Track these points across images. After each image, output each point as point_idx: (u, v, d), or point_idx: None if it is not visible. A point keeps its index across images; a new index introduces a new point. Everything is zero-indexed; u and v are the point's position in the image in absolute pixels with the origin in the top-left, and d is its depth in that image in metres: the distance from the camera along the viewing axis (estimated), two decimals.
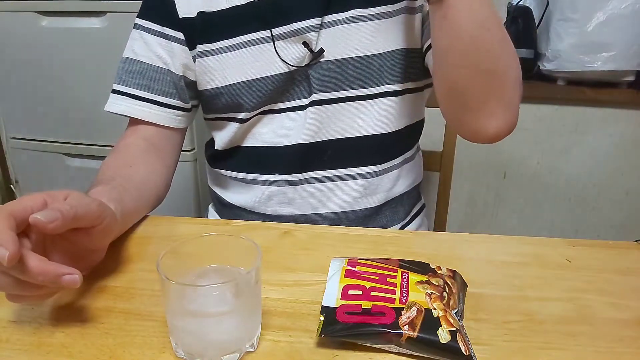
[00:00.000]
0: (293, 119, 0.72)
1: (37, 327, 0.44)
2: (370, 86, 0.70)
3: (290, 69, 0.69)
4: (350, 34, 0.68)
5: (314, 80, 0.70)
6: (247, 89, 0.70)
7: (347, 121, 0.71)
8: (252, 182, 0.76)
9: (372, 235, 0.62)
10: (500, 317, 0.46)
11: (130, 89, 0.71)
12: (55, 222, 0.40)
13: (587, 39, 1.33)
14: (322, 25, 0.68)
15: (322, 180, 0.74)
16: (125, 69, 0.72)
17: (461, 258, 0.56)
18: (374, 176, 0.74)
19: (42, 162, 1.51)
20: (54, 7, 1.33)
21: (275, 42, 0.68)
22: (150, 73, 0.72)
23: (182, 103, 0.74)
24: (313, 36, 0.68)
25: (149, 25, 0.72)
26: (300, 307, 0.47)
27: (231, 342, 0.40)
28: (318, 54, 0.68)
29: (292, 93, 0.71)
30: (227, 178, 0.79)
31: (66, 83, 1.41)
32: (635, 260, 0.56)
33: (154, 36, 0.71)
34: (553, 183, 1.55)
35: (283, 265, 0.54)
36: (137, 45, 0.72)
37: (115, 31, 1.32)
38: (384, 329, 0.40)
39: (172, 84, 0.72)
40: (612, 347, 0.43)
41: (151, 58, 0.72)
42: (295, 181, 0.74)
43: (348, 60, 0.69)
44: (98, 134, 1.42)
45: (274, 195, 0.75)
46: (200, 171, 1.41)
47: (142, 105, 0.71)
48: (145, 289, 0.50)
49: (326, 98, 0.70)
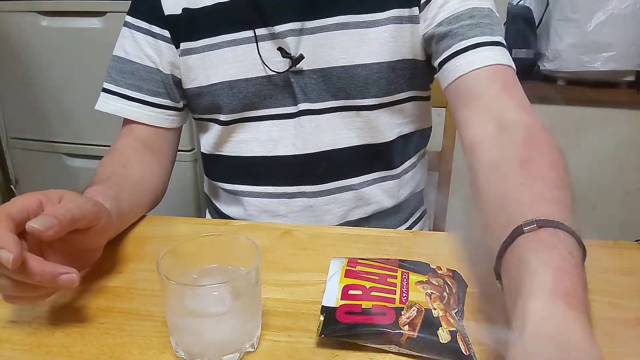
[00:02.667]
0: (280, 128, 0.70)
1: (37, 327, 0.44)
2: (355, 98, 0.67)
3: (271, 74, 0.67)
4: (334, 42, 0.65)
5: (297, 90, 0.67)
6: (229, 89, 0.69)
7: (335, 132, 0.69)
8: (242, 194, 0.74)
9: (372, 235, 0.62)
10: (500, 317, 0.46)
11: (121, 89, 0.71)
12: (52, 229, 0.40)
13: (587, 39, 1.33)
14: (303, 30, 0.65)
15: (316, 195, 0.71)
16: (117, 69, 0.72)
17: (461, 258, 0.56)
18: (367, 186, 0.72)
19: (42, 162, 1.51)
20: (54, 7, 1.34)
21: (259, 43, 0.66)
22: (142, 73, 0.71)
23: (173, 102, 0.73)
24: (292, 41, 0.65)
25: (138, 22, 0.71)
26: (300, 307, 0.47)
27: (231, 342, 0.40)
28: (297, 61, 0.65)
29: (275, 99, 0.69)
30: (219, 189, 0.78)
31: (66, 83, 1.41)
32: (635, 260, 0.56)
33: (142, 34, 0.71)
34: None
35: (283, 265, 0.54)
36: (127, 44, 0.72)
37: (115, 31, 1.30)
38: (384, 329, 0.40)
39: (161, 83, 0.72)
40: (612, 347, 0.43)
41: (141, 57, 0.71)
42: (288, 194, 0.71)
43: (332, 70, 0.66)
44: (98, 134, 1.41)
45: (268, 207, 0.73)
46: (200, 171, 1.41)
47: (133, 106, 0.71)
48: (145, 289, 0.50)
49: (313, 108, 0.68)
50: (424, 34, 0.65)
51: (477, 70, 0.59)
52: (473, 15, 0.61)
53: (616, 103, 1.45)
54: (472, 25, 0.60)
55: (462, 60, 0.60)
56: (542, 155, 0.48)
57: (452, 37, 0.61)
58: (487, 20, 0.61)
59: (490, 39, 0.60)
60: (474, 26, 0.60)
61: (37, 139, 1.50)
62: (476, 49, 0.59)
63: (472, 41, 0.60)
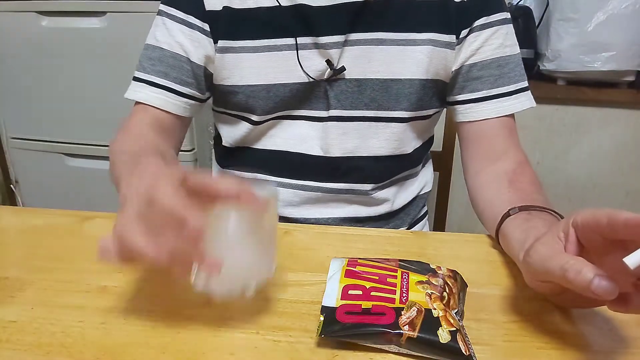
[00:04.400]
0: (309, 129, 0.72)
1: (37, 327, 0.44)
2: (385, 109, 0.70)
3: (310, 81, 0.69)
4: (373, 55, 0.68)
5: (332, 96, 0.70)
6: (265, 92, 0.70)
7: (360, 140, 0.72)
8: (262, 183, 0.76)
9: (372, 235, 0.62)
10: (500, 317, 0.46)
11: (149, 76, 0.71)
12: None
13: (587, 39, 1.33)
14: (345, 42, 0.67)
15: (331, 191, 0.74)
16: (146, 56, 0.71)
17: (461, 258, 0.57)
18: (380, 189, 0.75)
19: (42, 162, 1.52)
20: (54, 7, 1.34)
21: (299, 51, 0.68)
22: (169, 60, 0.70)
23: (199, 94, 0.73)
24: (335, 53, 0.67)
25: (173, 12, 0.70)
26: (300, 307, 0.47)
27: (248, 269, 0.42)
28: (339, 71, 0.68)
29: (309, 102, 0.71)
30: (241, 179, 0.79)
31: (66, 83, 1.41)
32: None
33: (177, 23, 0.70)
34: (553, 183, 1.55)
35: (283, 265, 0.54)
36: (159, 32, 0.71)
37: (115, 31, 1.32)
38: (384, 329, 0.40)
39: (191, 73, 0.71)
40: (612, 347, 0.43)
41: (171, 45, 0.70)
42: (305, 186, 0.74)
43: (367, 81, 0.69)
44: (98, 134, 1.42)
45: (291, 199, 0.75)
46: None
47: (158, 93, 0.70)
48: (146, 289, 0.50)
49: (344, 115, 0.70)
50: (457, 68, 0.70)
51: (491, 119, 0.70)
52: (500, 65, 0.69)
53: (616, 103, 1.45)
54: (499, 76, 0.69)
55: (483, 107, 0.70)
56: (525, 177, 0.64)
57: (481, 83, 0.70)
58: (516, 70, 0.70)
59: (511, 88, 0.70)
60: (500, 77, 0.69)
61: (37, 139, 1.50)
62: (500, 99, 0.69)
63: (495, 91, 0.69)
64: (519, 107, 0.70)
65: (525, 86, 0.71)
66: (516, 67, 0.70)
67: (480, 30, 0.68)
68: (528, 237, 0.47)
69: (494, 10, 0.68)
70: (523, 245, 0.47)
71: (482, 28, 0.68)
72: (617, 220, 0.35)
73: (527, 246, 0.45)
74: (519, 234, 0.50)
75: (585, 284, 0.35)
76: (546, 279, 0.41)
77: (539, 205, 0.55)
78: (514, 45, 0.71)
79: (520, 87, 0.70)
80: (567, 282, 0.37)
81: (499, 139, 0.70)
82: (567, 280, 0.37)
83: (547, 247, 0.41)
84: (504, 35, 0.69)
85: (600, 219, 0.37)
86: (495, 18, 0.69)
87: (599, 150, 1.50)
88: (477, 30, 0.68)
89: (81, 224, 0.64)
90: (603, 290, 0.35)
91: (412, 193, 0.81)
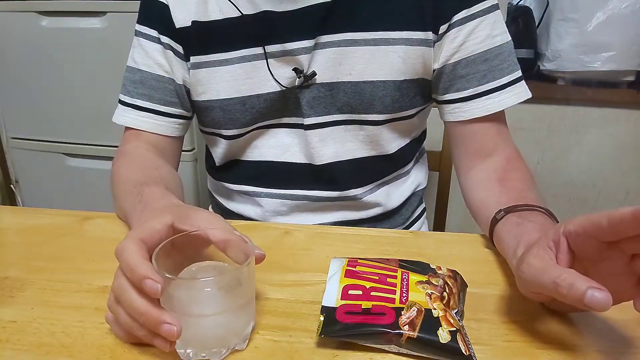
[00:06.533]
0: (290, 137, 0.71)
1: (37, 327, 0.44)
2: (360, 113, 0.68)
3: (283, 89, 0.67)
4: (344, 58, 0.65)
5: (304, 104, 0.68)
6: (241, 105, 0.69)
7: (339, 144, 0.70)
8: (258, 195, 0.75)
9: (372, 235, 0.62)
10: (500, 317, 0.46)
11: (133, 100, 0.70)
12: None
13: (587, 39, 1.33)
14: (315, 46, 0.65)
15: (320, 199, 0.73)
16: (129, 79, 0.71)
17: (461, 258, 0.56)
18: (370, 193, 0.74)
19: (42, 162, 1.51)
20: (54, 7, 1.34)
21: (268, 59, 0.66)
22: (151, 82, 0.70)
23: (185, 112, 0.73)
24: (305, 58, 0.65)
25: (146, 30, 0.70)
26: (300, 307, 0.47)
27: (216, 338, 0.40)
28: (310, 77, 0.66)
29: (285, 111, 0.70)
30: (230, 190, 0.78)
31: (66, 83, 1.41)
32: None
33: (152, 43, 0.70)
34: (553, 183, 1.55)
35: (283, 265, 0.54)
36: (137, 54, 0.71)
37: (115, 31, 1.32)
38: (384, 329, 0.40)
39: (174, 92, 0.71)
40: (612, 347, 0.43)
41: (150, 66, 0.70)
42: (293, 196, 0.73)
43: (339, 84, 0.66)
44: (98, 134, 1.41)
45: (279, 208, 0.74)
46: (200, 171, 1.41)
47: (144, 116, 0.70)
48: None
49: (319, 122, 0.69)
50: (440, 66, 0.66)
51: (480, 117, 0.66)
52: (487, 59, 0.65)
53: (616, 103, 1.45)
54: (487, 71, 0.65)
55: (471, 106, 0.66)
56: (515, 174, 0.64)
57: (468, 81, 0.66)
58: (506, 61, 0.65)
59: (500, 82, 0.65)
60: (488, 71, 0.65)
61: (37, 139, 1.50)
62: (488, 95, 0.65)
63: (483, 88, 0.65)
64: (513, 101, 0.66)
65: (518, 77, 0.66)
66: (508, 57, 0.65)
67: (461, 25, 0.64)
68: (519, 243, 0.47)
69: (474, 1, 0.63)
70: (515, 251, 0.47)
71: (463, 22, 0.63)
72: (618, 217, 0.35)
73: (519, 254, 0.45)
74: (510, 240, 0.50)
75: (579, 298, 0.35)
76: (539, 292, 0.41)
77: (528, 205, 0.54)
78: (504, 34, 0.66)
79: (513, 79, 0.65)
80: (561, 297, 0.37)
81: (488, 136, 0.68)
82: (560, 295, 0.37)
83: (538, 259, 0.40)
84: (491, 24, 0.64)
85: (599, 222, 0.36)
86: (478, 9, 0.64)
87: (599, 150, 1.50)
88: (458, 25, 0.64)
89: (81, 224, 0.64)
90: (597, 302, 0.34)
91: (405, 192, 0.79)
